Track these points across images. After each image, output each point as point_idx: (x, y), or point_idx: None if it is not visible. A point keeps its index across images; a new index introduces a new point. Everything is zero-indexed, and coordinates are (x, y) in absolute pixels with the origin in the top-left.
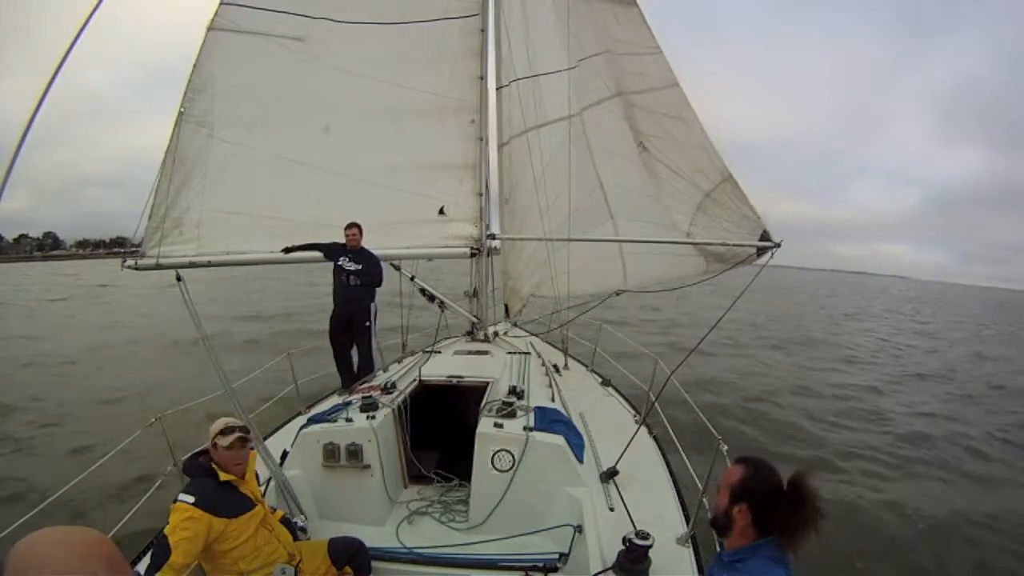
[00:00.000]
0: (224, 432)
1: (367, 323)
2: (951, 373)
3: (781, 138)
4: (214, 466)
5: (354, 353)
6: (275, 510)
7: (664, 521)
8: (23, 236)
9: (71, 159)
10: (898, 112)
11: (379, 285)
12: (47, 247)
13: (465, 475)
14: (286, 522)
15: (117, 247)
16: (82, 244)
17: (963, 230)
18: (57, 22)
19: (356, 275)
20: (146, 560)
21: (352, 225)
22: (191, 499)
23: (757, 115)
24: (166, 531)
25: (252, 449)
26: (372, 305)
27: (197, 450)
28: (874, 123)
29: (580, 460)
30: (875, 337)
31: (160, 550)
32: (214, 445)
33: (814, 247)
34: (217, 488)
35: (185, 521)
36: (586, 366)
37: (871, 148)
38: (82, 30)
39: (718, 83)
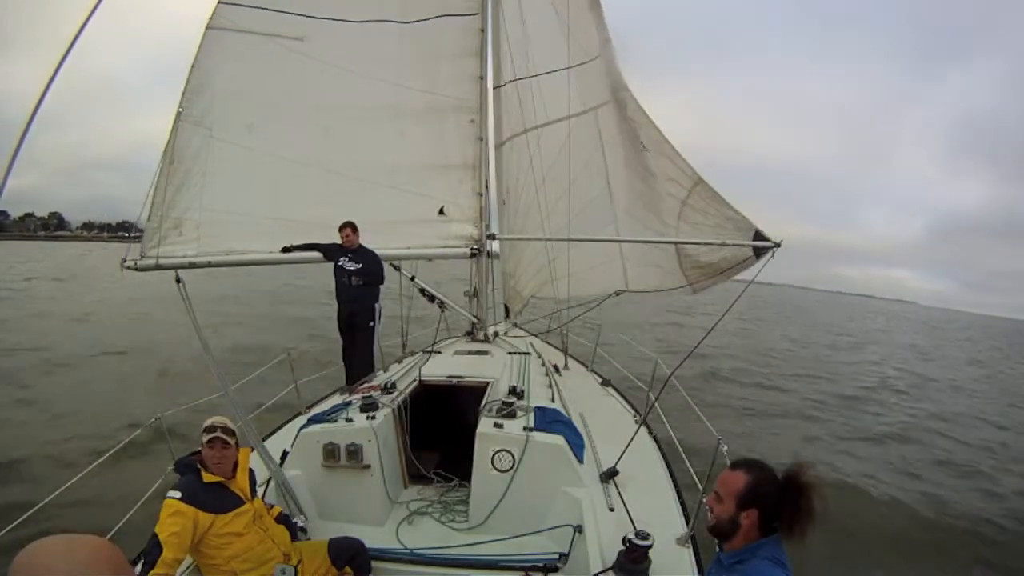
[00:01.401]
0: (206, 431)
1: (371, 323)
2: None
3: (788, 162)
4: (199, 465)
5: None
6: (272, 507)
7: (664, 521)
8: (28, 215)
9: (80, 142)
10: (905, 139)
11: (381, 283)
12: (52, 227)
13: (465, 475)
14: (285, 521)
15: (123, 231)
16: (87, 226)
17: (967, 258)
18: (68, 4)
19: (357, 275)
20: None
21: (346, 225)
22: (177, 494)
23: (765, 140)
24: (156, 528)
25: (241, 448)
26: (376, 305)
27: (193, 450)
28: (881, 149)
29: (580, 460)
30: None
31: (152, 547)
32: (207, 441)
33: (818, 269)
34: (203, 485)
35: (172, 516)
36: (586, 366)
37: (877, 174)
38: (93, 12)
39: (729, 107)
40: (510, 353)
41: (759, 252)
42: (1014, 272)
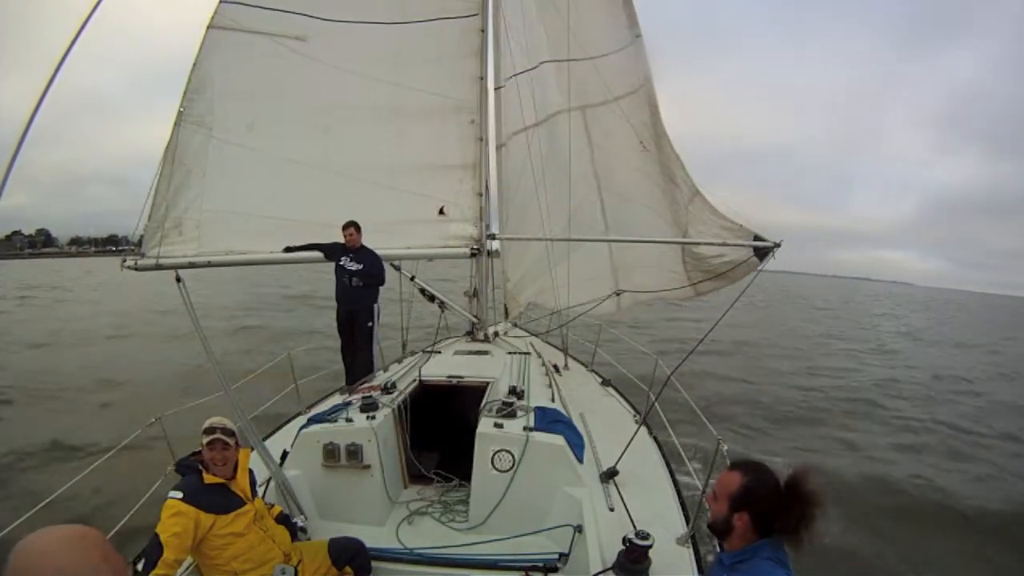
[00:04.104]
0: (205, 432)
1: (369, 323)
2: None
3: (780, 147)
4: (200, 466)
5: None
6: (272, 506)
7: (664, 521)
8: (15, 233)
9: (72, 157)
10: (895, 118)
11: (381, 284)
12: (39, 244)
13: (465, 475)
14: (285, 521)
15: (111, 245)
16: (75, 242)
17: (960, 236)
18: (57, 20)
19: (358, 275)
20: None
21: (349, 224)
22: (179, 495)
23: (758, 125)
24: (157, 529)
25: (242, 448)
26: (375, 306)
27: (193, 450)
28: (870, 130)
29: (580, 460)
30: None
31: (153, 548)
32: (208, 442)
33: (814, 254)
34: (204, 485)
35: (173, 517)
36: (586, 366)
37: (868, 155)
38: (83, 28)
39: (721, 94)
40: (510, 353)
41: (761, 253)
42: (1007, 250)
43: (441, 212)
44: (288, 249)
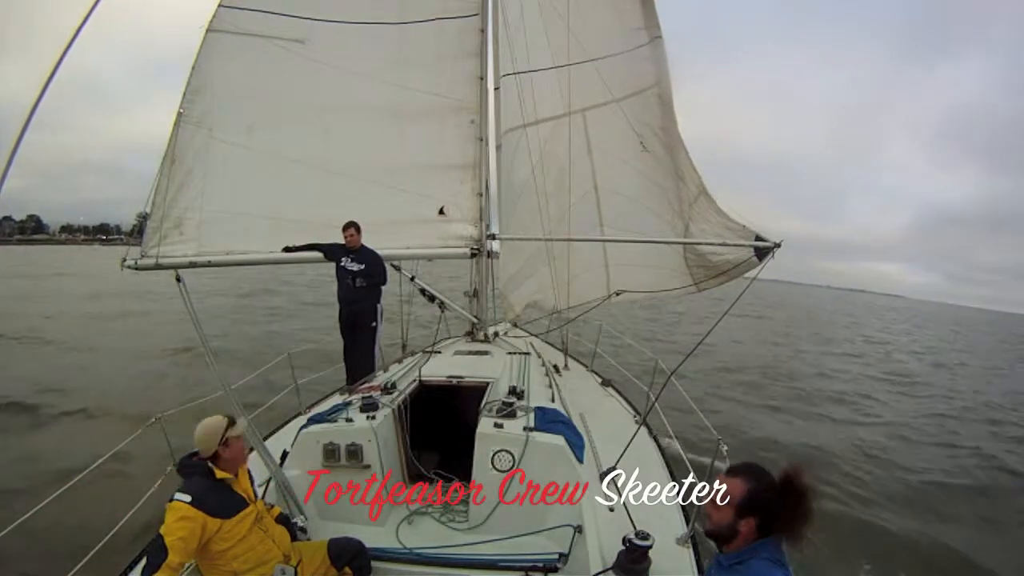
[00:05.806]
0: (231, 425)
1: (373, 323)
2: None
3: (776, 155)
4: (210, 465)
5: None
6: (272, 507)
7: (664, 521)
8: (6, 219)
9: (63, 144)
10: (892, 132)
11: (383, 284)
12: (29, 230)
13: (465, 475)
14: (285, 522)
15: (101, 234)
16: (66, 229)
17: (953, 251)
18: (60, 7)
19: (360, 276)
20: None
21: (349, 225)
22: (187, 498)
23: (753, 133)
24: (162, 531)
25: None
26: (378, 306)
27: (192, 450)
28: (868, 143)
29: (580, 460)
30: None
31: (156, 550)
32: (225, 441)
33: (808, 263)
34: (212, 487)
35: (180, 520)
36: (586, 366)
37: (865, 168)
38: (86, 19)
39: (719, 101)
40: (510, 353)
41: (760, 253)
42: (998, 265)
43: (441, 212)
44: (288, 249)
